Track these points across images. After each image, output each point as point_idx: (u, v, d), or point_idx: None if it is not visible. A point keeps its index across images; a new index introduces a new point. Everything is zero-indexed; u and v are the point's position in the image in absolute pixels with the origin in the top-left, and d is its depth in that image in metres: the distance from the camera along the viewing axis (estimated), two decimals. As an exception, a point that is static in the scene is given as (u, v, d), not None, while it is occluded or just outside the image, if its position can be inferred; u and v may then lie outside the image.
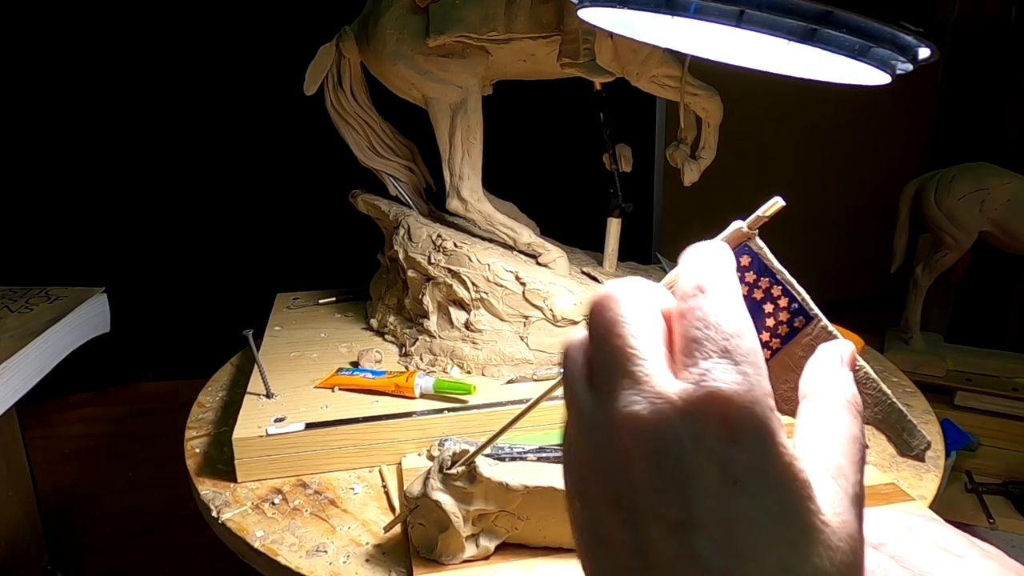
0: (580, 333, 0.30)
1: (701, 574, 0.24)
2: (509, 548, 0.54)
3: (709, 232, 0.37)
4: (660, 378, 0.26)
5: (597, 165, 0.84)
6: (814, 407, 0.29)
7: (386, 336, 0.86)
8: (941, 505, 0.58)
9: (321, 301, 0.98)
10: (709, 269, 0.28)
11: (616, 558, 0.26)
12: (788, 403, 0.38)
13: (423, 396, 0.70)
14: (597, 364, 0.28)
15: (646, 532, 0.25)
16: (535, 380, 0.73)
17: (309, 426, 0.66)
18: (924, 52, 0.42)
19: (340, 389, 0.73)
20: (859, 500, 0.27)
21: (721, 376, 0.25)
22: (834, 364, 0.31)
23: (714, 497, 0.25)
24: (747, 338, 0.26)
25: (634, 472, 0.26)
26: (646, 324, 0.28)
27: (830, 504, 0.25)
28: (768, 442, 0.25)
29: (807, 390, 0.30)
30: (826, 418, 0.28)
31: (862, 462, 0.28)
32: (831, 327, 0.37)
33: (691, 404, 0.25)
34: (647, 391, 0.26)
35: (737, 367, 0.26)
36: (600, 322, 0.28)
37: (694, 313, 0.27)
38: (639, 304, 0.28)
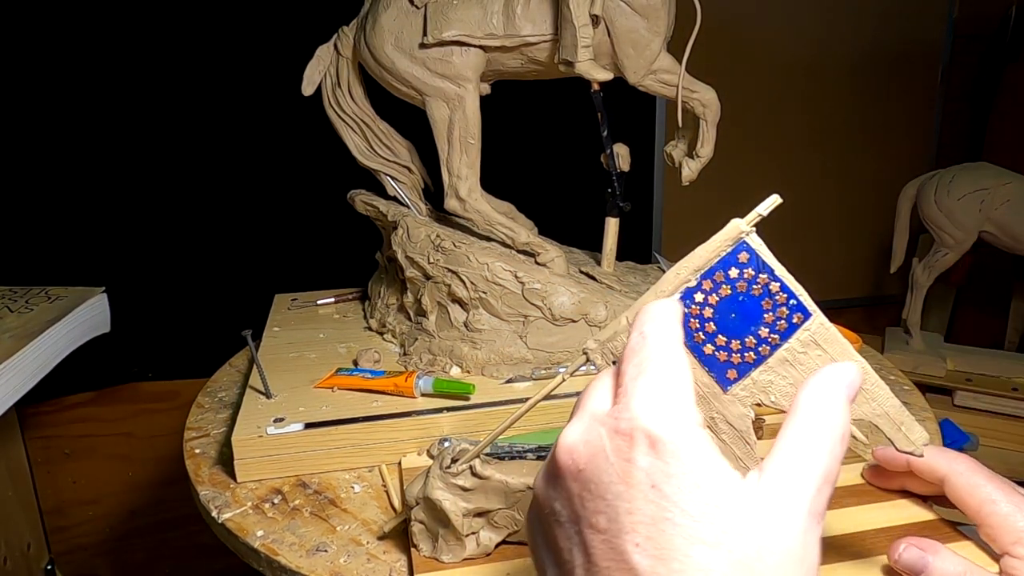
0: None
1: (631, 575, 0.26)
2: (509, 546, 0.54)
3: (708, 230, 0.37)
4: (595, 406, 0.31)
5: (595, 165, 0.84)
6: (797, 430, 0.30)
7: (385, 336, 0.86)
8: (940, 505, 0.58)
9: (320, 302, 0.98)
10: (653, 318, 0.33)
11: (568, 571, 0.29)
12: (788, 399, 0.38)
13: (423, 396, 0.70)
14: None
15: (586, 539, 0.28)
16: (534, 379, 0.73)
17: (308, 426, 0.66)
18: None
19: (339, 389, 0.73)
20: (816, 520, 0.27)
21: (646, 400, 0.29)
22: (836, 394, 0.31)
23: (635, 502, 0.27)
24: (676, 370, 0.30)
25: (567, 486, 0.29)
26: (600, 379, 0.33)
27: (773, 519, 0.26)
28: (687, 451, 0.27)
29: (799, 406, 0.31)
30: (804, 446, 0.29)
31: (827, 493, 0.28)
32: (829, 323, 0.37)
33: (617, 421, 0.29)
34: (582, 417, 0.31)
35: (662, 396, 0.29)
36: None
37: (632, 352, 0.32)
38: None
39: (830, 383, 0.31)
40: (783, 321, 0.36)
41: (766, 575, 0.25)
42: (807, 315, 0.36)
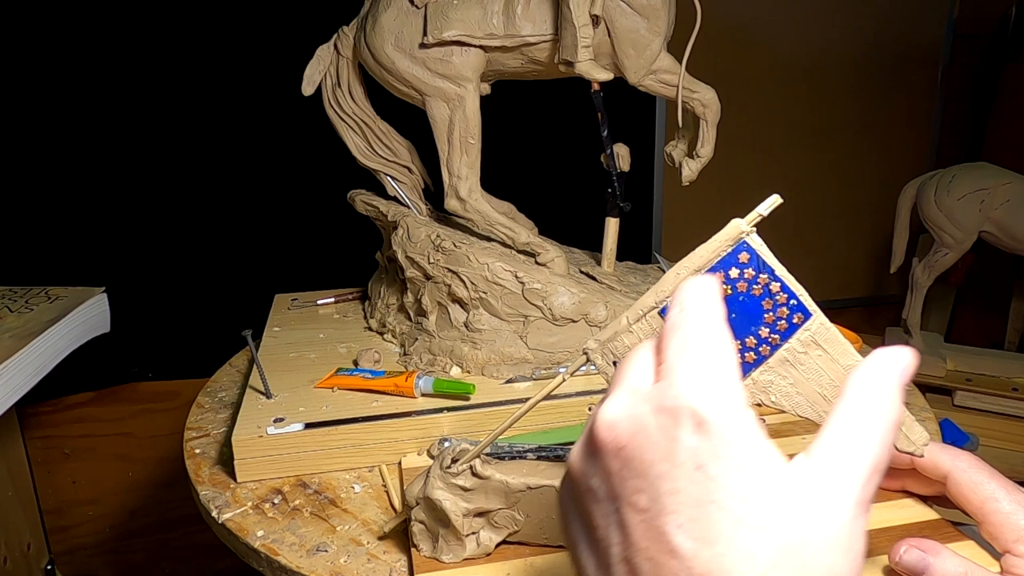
0: None
1: (673, 557, 0.25)
2: (510, 546, 0.54)
3: (708, 230, 0.37)
4: (637, 381, 0.30)
5: (595, 165, 0.84)
6: (848, 414, 0.28)
7: (385, 336, 0.86)
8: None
9: (320, 302, 0.98)
10: (695, 293, 0.31)
11: (604, 548, 0.28)
12: (788, 399, 0.38)
13: (423, 396, 0.70)
14: None
15: (625, 518, 0.27)
16: (534, 379, 0.73)
17: (308, 426, 0.66)
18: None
19: (339, 389, 0.73)
20: (864, 510, 0.27)
21: (692, 378, 0.28)
22: (889, 378, 0.29)
23: (679, 482, 0.26)
24: (722, 348, 0.29)
25: (607, 462, 0.28)
26: (639, 353, 0.32)
27: (821, 506, 0.26)
28: (734, 432, 0.26)
29: (851, 390, 0.29)
30: (855, 432, 0.28)
31: (875, 482, 0.27)
32: (829, 323, 0.37)
33: (662, 399, 0.28)
34: (623, 392, 0.30)
35: (708, 374, 0.28)
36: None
37: (675, 328, 0.31)
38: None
39: (883, 366, 0.29)
40: (783, 321, 0.36)
41: (812, 562, 0.25)
42: (807, 315, 0.36)
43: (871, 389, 0.29)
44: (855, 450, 0.27)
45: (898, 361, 0.29)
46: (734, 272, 0.36)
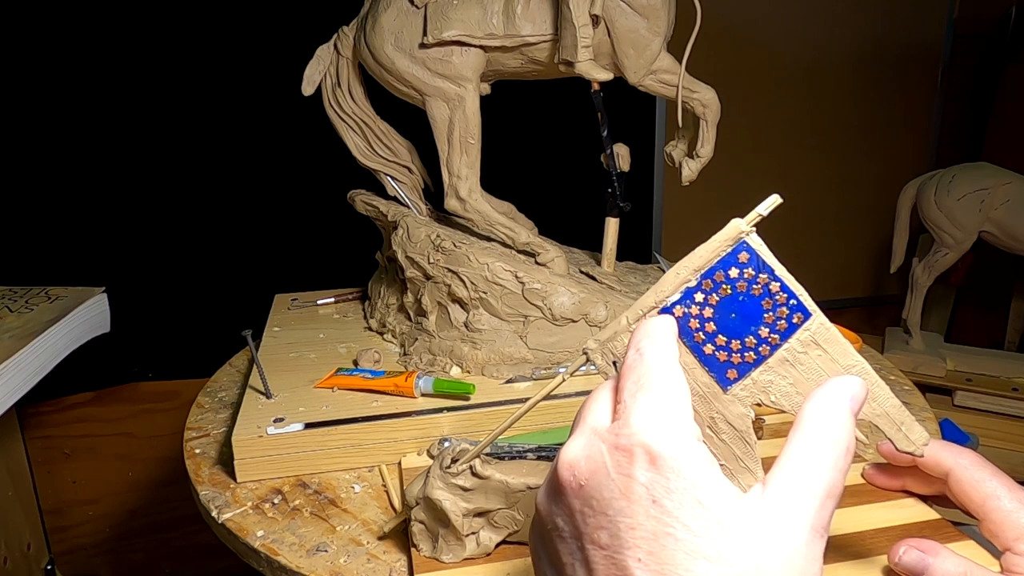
0: None
1: None
2: (510, 546, 0.54)
3: (708, 230, 0.37)
4: (595, 421, 0.31)
5: (595, 165, 0.84)
6: (802, 444, 0.30)
7: (385, 336, 0.86)
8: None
9: (320, 302, 0.98)
10: (650, 335, 0.33)
11: None
12: (788, 399, 0.38)
13: (423, 396, 0.70)
14: None
15: (589, 555, 0.28)
16: (534, 379, 0.73)
17: (308, 426, 0.66)
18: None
19: (339, 389, 0.73)
20: (819, 535, 0.28)
21: (645, 416, 0.29)
22: (841, 407, 0.31)
23: (636, 517, 0.27)
24: (675, 387, 0.31)
25: (569, 502, 0.29)
26: (598, 393, 0.34)
27: (775, 534, 0.27)
28: (686, 466, 0.27)
29: (803, 420, 0.31)
30: (808, 460, 0.29)
31: (830, 508, 0.29)
32: (829, 323, 0.37)
33: (617, 437, 0.29)
34: (583, 432, 0.31)
35: (660, 411, 0.29)
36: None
37: (631, 369, 0.32)
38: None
39: (835, 396, 0.31)
40: (783, 321, 0.36)
41: None
42: (807, 315, 0.36)
43: (822, 417, 0.30)
44: (808, 477, 0.28)
45: (848, 389, 0.31)
46: (734, 272, 0.36)
